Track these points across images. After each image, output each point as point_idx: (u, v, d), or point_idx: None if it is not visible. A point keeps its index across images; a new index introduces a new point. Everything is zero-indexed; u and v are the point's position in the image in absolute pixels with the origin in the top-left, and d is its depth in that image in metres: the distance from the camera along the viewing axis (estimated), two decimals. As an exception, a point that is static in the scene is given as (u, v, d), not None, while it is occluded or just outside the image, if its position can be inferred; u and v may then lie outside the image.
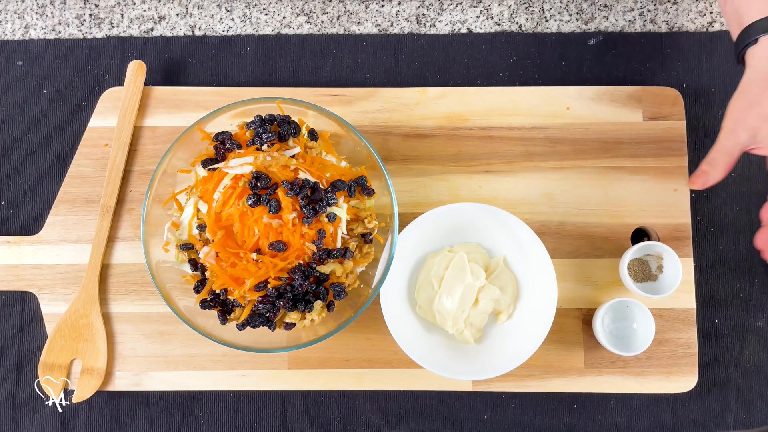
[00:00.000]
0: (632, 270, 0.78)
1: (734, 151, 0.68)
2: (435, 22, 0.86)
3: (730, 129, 0.68)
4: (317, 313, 0.72)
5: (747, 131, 0.67)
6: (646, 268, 0.78)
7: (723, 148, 0.69)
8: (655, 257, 0.79)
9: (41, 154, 0.83)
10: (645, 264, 0.79)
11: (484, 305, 0.77)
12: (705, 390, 0.80)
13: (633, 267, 0.78)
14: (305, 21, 0.87)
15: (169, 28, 0.86)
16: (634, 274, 0.78)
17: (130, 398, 0.80)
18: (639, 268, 0.78)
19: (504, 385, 0.79)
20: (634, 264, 0.78)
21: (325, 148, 0.76)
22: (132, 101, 0.82)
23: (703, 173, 0.70)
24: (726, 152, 0.69)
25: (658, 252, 0.78)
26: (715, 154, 0.69)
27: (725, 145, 0.69)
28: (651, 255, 0.79)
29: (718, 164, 0.69)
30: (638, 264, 0.78)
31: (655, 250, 0.78)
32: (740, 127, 0.67)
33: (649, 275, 0.78)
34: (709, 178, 0.70)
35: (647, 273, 0.78)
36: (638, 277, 0.78)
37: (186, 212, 0.73)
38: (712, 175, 0.70)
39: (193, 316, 0.72)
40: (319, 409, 0.80)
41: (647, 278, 0.78)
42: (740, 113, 0.67)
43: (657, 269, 0.78)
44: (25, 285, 0.80)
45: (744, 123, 0.67)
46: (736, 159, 0.69)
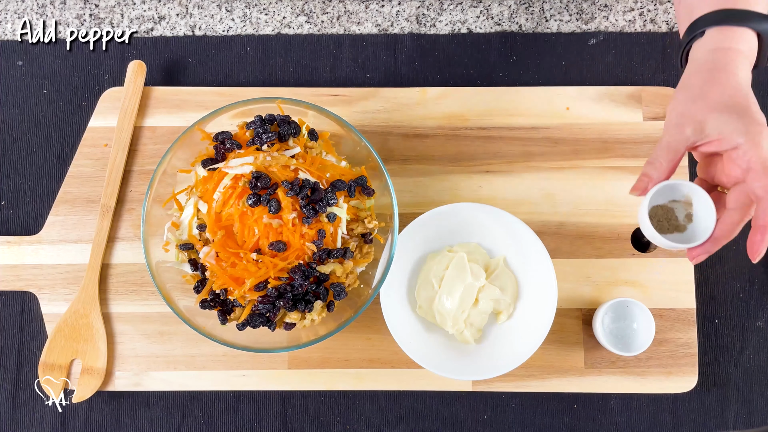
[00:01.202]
0: (655, 219, 0.66)
1: (679, 148, 0.62)
2: (435, 22, 0.86)
3: (674, 125, 0.62)
4: (317, 313, 0.72)
5: (693, 125, 0.61)
6: (672, 217, 0.67)
7: (667, 146, 0.62)
8: (683, 204, 0.66)
9: (41, 154, 0.83)
10: (670, 212, 0.67)
11: (484, 305, 0.77)
12: (705, 390, 0.80)
13: (656, 215, 0.66)
14: (305, 21, 0.87)
15: (169, 28, 0.86)
16: (657, 224, 0.66)
17: (130, 398, 0.80)
18: (663, 217, 0.67)
19: (504, 385, 0.79)
20: (657, 212, 0.67)
21: (325, 148, 0.76)
22: (132, 101, 0.82)
23: (644, 177, 0.63)
24: (670, 150, 0.62)
25: (687, 196, 0.66)
26: (659, 153, 0.63)
27: (669, 143, 0.62)
28: (677, 201, 0.67)
29: (661, 164, 0.62)
30: (662, 212, 0.67)
31: (682, 193, 0.66)
32: (685, 121, 0.61)
33: (676, 225, 0.67)
34: (651, 182, 0.63)
35: (673, 223, 0.67)
36: (663, 227, 0.66)
37: (186, 212, 0.73)
38: (655, 176, 0.63)
39: (193, 316, 0.71)
40: (319, 409, 0.80)
41: (674, 229, 0.67)
42: (684, 107, 0.62)
43: (685, 218, 0.66)
44: (25, 285, 0.80)
45: (689, 117, 0.61)
46: (681, 158, 0.62)
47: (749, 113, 0.59)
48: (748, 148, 0.58)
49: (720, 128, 0.59)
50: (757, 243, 0.59)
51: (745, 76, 0.62)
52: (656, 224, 0.66)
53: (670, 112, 0.63)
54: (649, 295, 0.80)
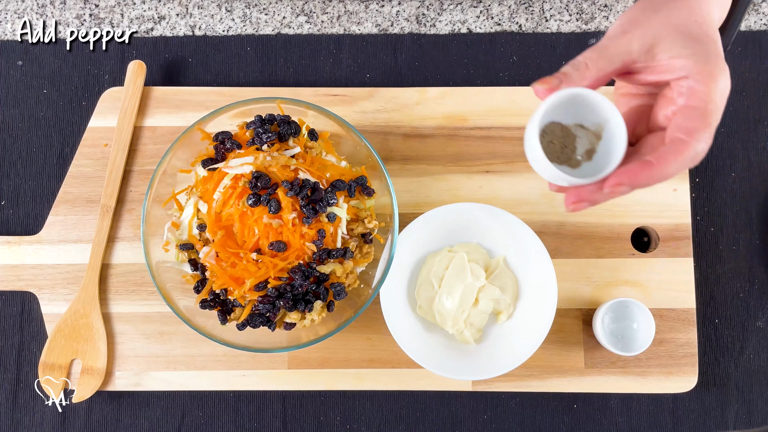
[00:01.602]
0: (547, 138, 0.51)
1: (615, 58, 0.48)
2: (435, 22, 0.86)
3: (622, 31, 0.49)
4: (317, 313, 0.72)
5: (643, 39, 0.48)
6: (570, 144, 0.51)
7: (603, 50, 0.48)
8: (591, 134, 0.51)
9: (41, 154, 0.83)
10: (570, 138, 0.51)
11: (484, 305, 0.77)
12: (705, 390, 0.80)
13: (551, 133, 0.51)
14: (305, 21, 0.87)
15: (169, 28, 0.86)
16: (548, 145, 0.50)
17: (130, 398, 0.80)
18: (559, 140, 0.51)
19: (504, 385, 0.79)
20: (554, 130, 0.51)
21: (325, 148, 0.76)
22: (132, 101, 0.82)
23: (560, 75, 0.48)
24: (605, 56, 0.48)
25: (598, 125, 0.50)
26: (589, 54, 0.48)
27: (607, 48, 0.48)
28: (585, 129, 0.51)
29: (587, 68, 0.48)
30: (560, 133, 0.51)
31: (594, 118, 0.50)
32: (636, 32, 0.48)
33: (569, 157, 0.51)
34: (565, 83, 0.48)
35: (567, 153, 0.51)
36: (552, 152, 0.51)
37: (186, 212, 0.73)
38: (574, 78, 0.48)
39: (193, 316, 0.71)
40: (319, 409, 0.80)
41: (565, 160, 0.51)
42: (641, 14, 0.49)
43: (585, 154, 0.51)
44: (25, 285, 0.80)
45: (642, 28, 0.48)
46: (612, 74, 0.49)
47: (714, 49, 0.48)
48: (700, 79, 0.47)
49: (676, 51, 0.48)
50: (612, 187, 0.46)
51: (717, 15, 0.51)
52: (546, 145, 0.50)
53: (621, 18, 0.50)
54: (649, 295, 0.80)
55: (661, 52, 0.48)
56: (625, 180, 0.46)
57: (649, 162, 0.46)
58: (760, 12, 0.86)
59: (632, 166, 0.46)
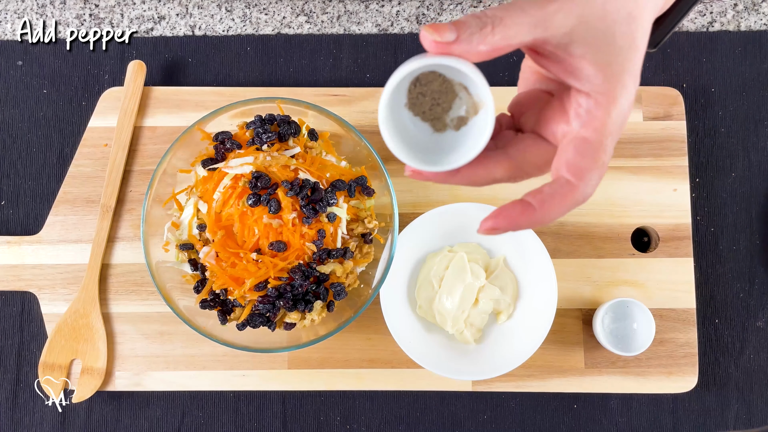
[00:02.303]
0: (416, 90, 0.42)
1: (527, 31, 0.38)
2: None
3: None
4: (317, 313, 0.72)
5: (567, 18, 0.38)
6: (444, 102, 0.43)
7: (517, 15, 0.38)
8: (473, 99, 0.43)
9: (41, 154, 0.83)
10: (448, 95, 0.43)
11: (484, 305, 0.77)
12: (705, 390, 0.80)
13: (429, 83, 0.42)
14: (305, 21, 0.87)
15: (169, 28, 0.86)
16: (416, 98, 0.42)
17: (130, 398, 0.80)
18: (432, 95, 0.42)
19: (504, 385, 0.79)
20: (429, 81, 0.42)
21: (325, 148, 0.76)
22: (132, 101, 0.82)
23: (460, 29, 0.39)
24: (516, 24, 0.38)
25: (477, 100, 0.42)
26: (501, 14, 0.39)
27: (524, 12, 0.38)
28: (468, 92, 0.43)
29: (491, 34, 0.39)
30: (437, 86, 0.42)
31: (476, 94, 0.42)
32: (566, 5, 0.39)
33: (438, 117, 0.43)
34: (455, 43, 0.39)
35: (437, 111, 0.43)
36: (419, 107, 0.43)
37: (186, 212, 0.73)
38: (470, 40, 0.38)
39: (193, 316, 0.71)
40: (319, 409, 0.80)
41: (433, 118, 0.43)
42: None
43: (458, 120, 0.43)
44: (25, 285, 0.80)
45: (573, 3, 0.38)
46: (517, 47, 0.39)
47: (630, 61, 0.40)
48: (602, 101, 0.39)
49: (590, 52, 0.39)
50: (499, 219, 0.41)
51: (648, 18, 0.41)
52: (415, 96, 0.43)
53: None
54: (649, 295, 0.80)
55: (576, 44, 0.39)
56: (502, 224, 0.41)
57: (531, 207, 0.41)
58: (760, 12, 0.86)
59: (511, 210, 0.41)
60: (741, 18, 0.86)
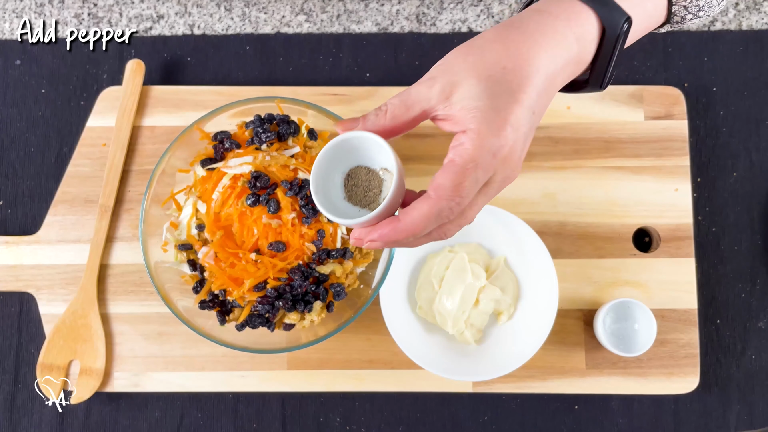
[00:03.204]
0: (351, 182, 0.51)
1: (415, 106, 0.47)
2: (435, 21, 0.86)
3: (430, 77, 0.47)
4: (317, 314, 0.72)
5: (444, 86, 0.46)
6: (375, 186, 0.50)
7: (405, 97, 0.47)
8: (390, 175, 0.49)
9: (40, 154, 0.83)
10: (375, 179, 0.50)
11: (485, 306, 0.77)
12: (707, 391, 0.80)
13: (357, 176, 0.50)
14: (305, 20, 0.86)
15: (167, 27, 0.86)
16: (351, 191, 0.51)
17: (129, 399, 0.79)
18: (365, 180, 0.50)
19: (505, 386, 0.78)
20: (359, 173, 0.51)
21: (324, 148, 0.75)
22: (130, 100, 0.81)
23: (362, 118, 0.48)
24: (405, 104, 0.47)
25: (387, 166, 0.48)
26: (393, 101, 0.48)
27: (409, 94, 0.47)
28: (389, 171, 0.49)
29: (384, 116, 0.48)
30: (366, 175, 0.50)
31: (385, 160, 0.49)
32: (442, 77, 0.46)
33: (373, 199, 0.50)
34: (359, 126, 0.48)
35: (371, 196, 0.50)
36: (356, 198, 0.51)
37: (185, 212, 0.73)
38: (370, 124, 0.47)
39: (192, 317, 0.71)
40: (318, 410, 0.79)
41: (369, 203, 0.50)
42: (453, 59, 0.47)
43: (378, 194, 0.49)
44: (23, 285, 0.80)
45: (449, 74, 0.46)
46: (412, 122, 0.48)
47: (506, 103, 0.45)
48: (473, 137, 0.45)
49: (469, 101, 0.45)
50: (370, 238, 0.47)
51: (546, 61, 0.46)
52: (350, 189, 0.51)
53: (437, 63, 0.49)
54: (651, 296, 0.79)
55: (457, 101, 0.46)
56: (376, 237, 0.46)
57: (396, 218, 0.46)
58: (761, 11, 0.86)
59: (383, 223, 0.47)
60: (742, 17, 0.86)
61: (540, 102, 0.47)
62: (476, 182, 0.45)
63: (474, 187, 0.46)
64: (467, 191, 0.45)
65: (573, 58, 0.48)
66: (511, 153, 0.46)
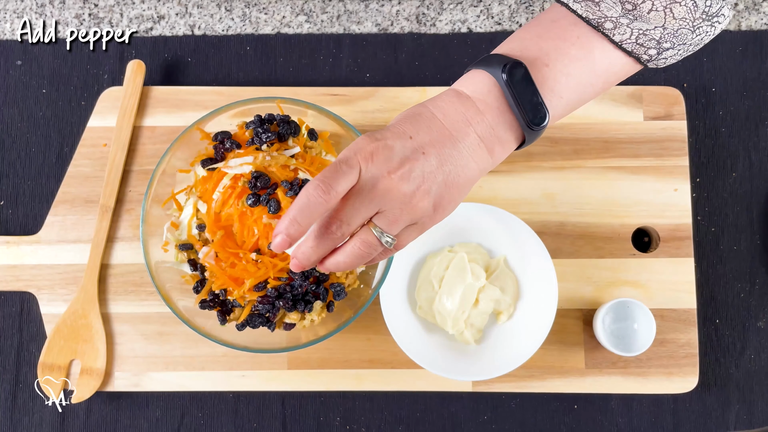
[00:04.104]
0: None
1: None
2: (435, 22, 0.86)
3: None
4: (317, 314, 0.72)
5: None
6: None
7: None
8: None
9: (40, 154, 0.83)
10: None
11: (485, 306, 0.77)
12: (706, 390, 0.80)
13: None
14: (305, 20, 0.86)
15: (168, 28, 0.86)
16: None
17: (130, 399, 0.79)
18: None
19: (504, 386, 0.79)
20: None
21: (325, 148, 0.75)
22: (131, 101, 0.81)
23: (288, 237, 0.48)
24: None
25: None
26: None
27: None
28: None
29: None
30: None
31: None
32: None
33: None
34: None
35: None
36: None
37: (185, 212, 0.73)
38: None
39: (193, 317, 0.71)
40: (318, 409, 0.80)
41: None
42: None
43: None
44: (23, 285, 0.80)
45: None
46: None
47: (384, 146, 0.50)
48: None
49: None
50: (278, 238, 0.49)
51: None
52: None
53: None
54: (650, 296, 0.80)
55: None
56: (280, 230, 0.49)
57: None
58: (761, 11, 0.86)
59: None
60: (742, 17, 0.86)
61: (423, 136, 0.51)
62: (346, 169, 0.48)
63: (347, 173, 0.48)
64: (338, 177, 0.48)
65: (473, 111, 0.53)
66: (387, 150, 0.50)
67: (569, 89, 0.54)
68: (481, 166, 0.53)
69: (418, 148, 0.50)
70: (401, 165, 0.49)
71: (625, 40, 0.53)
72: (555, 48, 0.54)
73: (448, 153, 0.51)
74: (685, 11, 0.52)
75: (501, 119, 0.53)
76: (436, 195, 0.51)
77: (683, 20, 0.53)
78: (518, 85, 0.52)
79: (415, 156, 0.50)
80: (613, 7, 0.53)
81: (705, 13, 0.53)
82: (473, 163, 0.52)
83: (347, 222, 0.49)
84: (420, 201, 0.50)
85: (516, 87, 0.52)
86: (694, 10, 0.53)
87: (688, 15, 0.53)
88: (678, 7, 0.52)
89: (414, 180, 0.50)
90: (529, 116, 0.52)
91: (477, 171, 0.53)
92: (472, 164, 0.52)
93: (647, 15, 0.53)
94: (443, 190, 0.51)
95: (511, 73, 0.52)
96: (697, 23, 0.54)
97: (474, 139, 0.52)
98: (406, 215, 0.50)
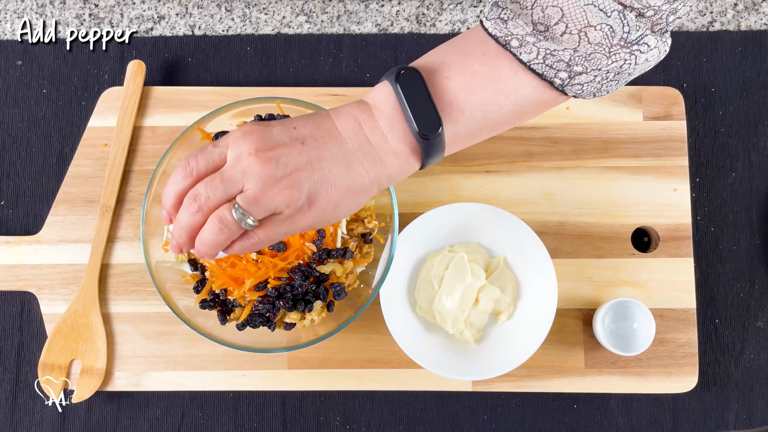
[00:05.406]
0: None
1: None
2: (435, 22, 0.86)
3: None
4: (317, 313, 0.72)
5: None
6: None
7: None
8: None
9: (41, 154, 0.83)
10: None
11: (485, 305, 0.77)
12: (705, 390, 0.80)
13: None
14: (305, 20, 0.86)
15: (168, 28, 0.86)
16: None
17: (130, 398, 0.79)
18: None
19: (504, 386, 0.79)
20: None
21: (324, 148, 0.75)
22: (131, 101, 0.82)
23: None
24: None
25: None
26: None
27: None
28: None
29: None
30: None
31: None
32: None
33: None
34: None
35: None
36: None
37: (186, 212, 0.73)
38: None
39: (193, 317, 0.71)
40: (319, 409, 0.80)
41: None
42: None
43: None
44: (24, 285, 0.80)
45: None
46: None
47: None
48: None
49: None
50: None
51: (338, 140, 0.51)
52: None
53: None
54: (650, 295, 0.80)
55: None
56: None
57: None
58: (760, 11, 0.86)
59: None
60: (741, 18, 0.86)
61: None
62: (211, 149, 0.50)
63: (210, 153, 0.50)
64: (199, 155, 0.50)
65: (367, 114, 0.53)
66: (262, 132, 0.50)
67: (472, 105, 0.53)
68: (373, 175, 0.52)
69: (297, 138, 0.50)
70: (271, 148, 0.49)
71: (533, 60, 0.51)
72: (459, 62, 0.53)
73: (331, 151, 0.50)
74: (601, 36, 0.50)
75: (394, 126, 0.52)
76: (310, 189, 0.49)
77: (599, 45, 0.50)
78: (410, 92, 0.51)
79: (292, 143, 0.49)
80: (522, 26, 0.51)
81: (623, 40, 0.50)
82: (361, 168, 0.51)
83: (203, 196, 0.48)
84: (286, 188, 0.48)
85: (407, 93, 0.51)
86: (611, 36, 0.50)
87: (604, 41, 0.50)
88: (593, 32, 0.50)
89: (282, 166, 0.48)
90: (420, 124, 0.51)
91: (367, 178, 0.52)
92: (360, 169, 0.51)
93: (560, 37, 0.51)
94: (320, 187, 0.50)
95: (403, 79, 0.52)
96: (614, 49, 0.51)
97: (364, 144, 0.52)
98: (268, 199, 0.48)
